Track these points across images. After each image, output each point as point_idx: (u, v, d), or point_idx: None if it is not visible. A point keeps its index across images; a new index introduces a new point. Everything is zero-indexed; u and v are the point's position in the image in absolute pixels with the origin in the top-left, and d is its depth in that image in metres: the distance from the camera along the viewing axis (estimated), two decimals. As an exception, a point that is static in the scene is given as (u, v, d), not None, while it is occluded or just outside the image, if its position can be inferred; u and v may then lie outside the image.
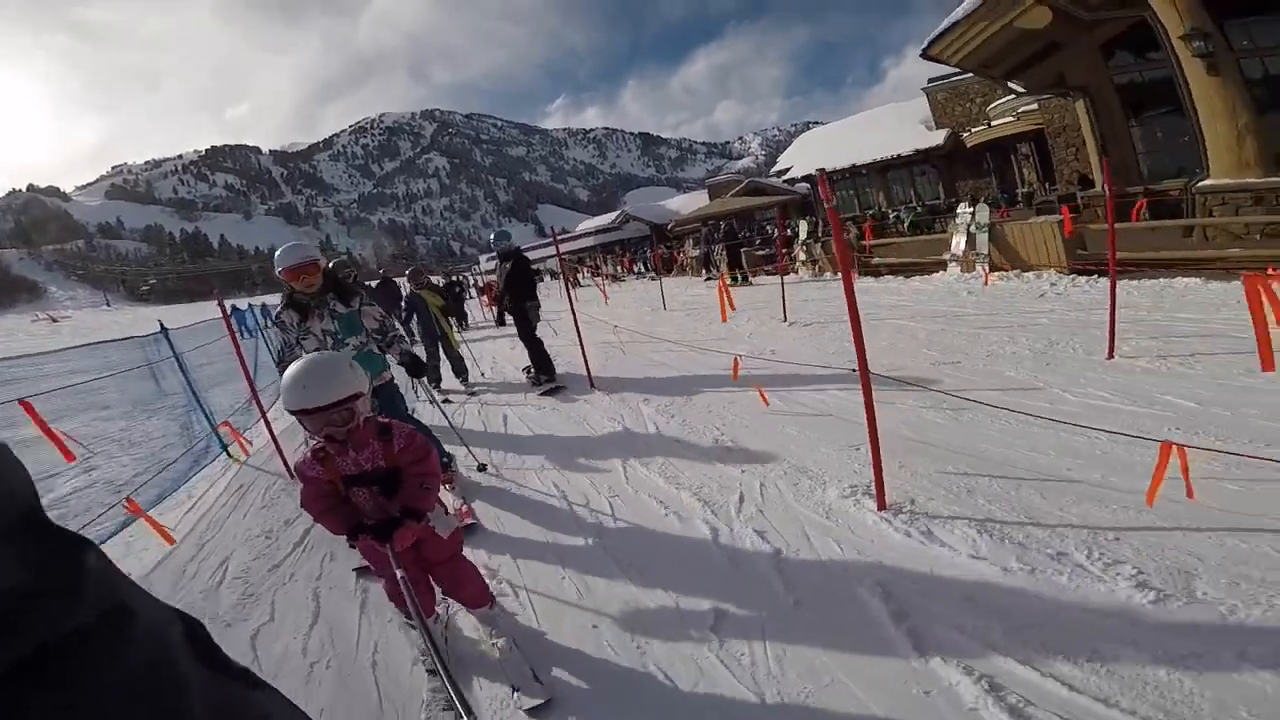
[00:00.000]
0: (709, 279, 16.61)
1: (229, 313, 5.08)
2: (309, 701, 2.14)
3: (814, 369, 4.50)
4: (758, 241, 20.55)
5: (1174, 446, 2.12)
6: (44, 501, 0.36)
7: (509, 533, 3.12)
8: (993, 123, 20.37)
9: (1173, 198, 10.21)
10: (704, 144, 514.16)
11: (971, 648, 1.80)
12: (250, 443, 5.60)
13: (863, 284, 10.13)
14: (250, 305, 11.54)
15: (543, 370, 6.17)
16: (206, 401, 5.80)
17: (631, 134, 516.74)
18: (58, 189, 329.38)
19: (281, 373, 2.84)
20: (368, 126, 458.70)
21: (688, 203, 40.63)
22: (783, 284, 8.16)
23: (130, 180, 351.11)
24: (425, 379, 4.07)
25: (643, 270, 24.10)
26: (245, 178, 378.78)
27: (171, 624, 0.38)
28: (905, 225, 17.99)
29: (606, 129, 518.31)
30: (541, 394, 5.80)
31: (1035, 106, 16.90)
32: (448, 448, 3.88)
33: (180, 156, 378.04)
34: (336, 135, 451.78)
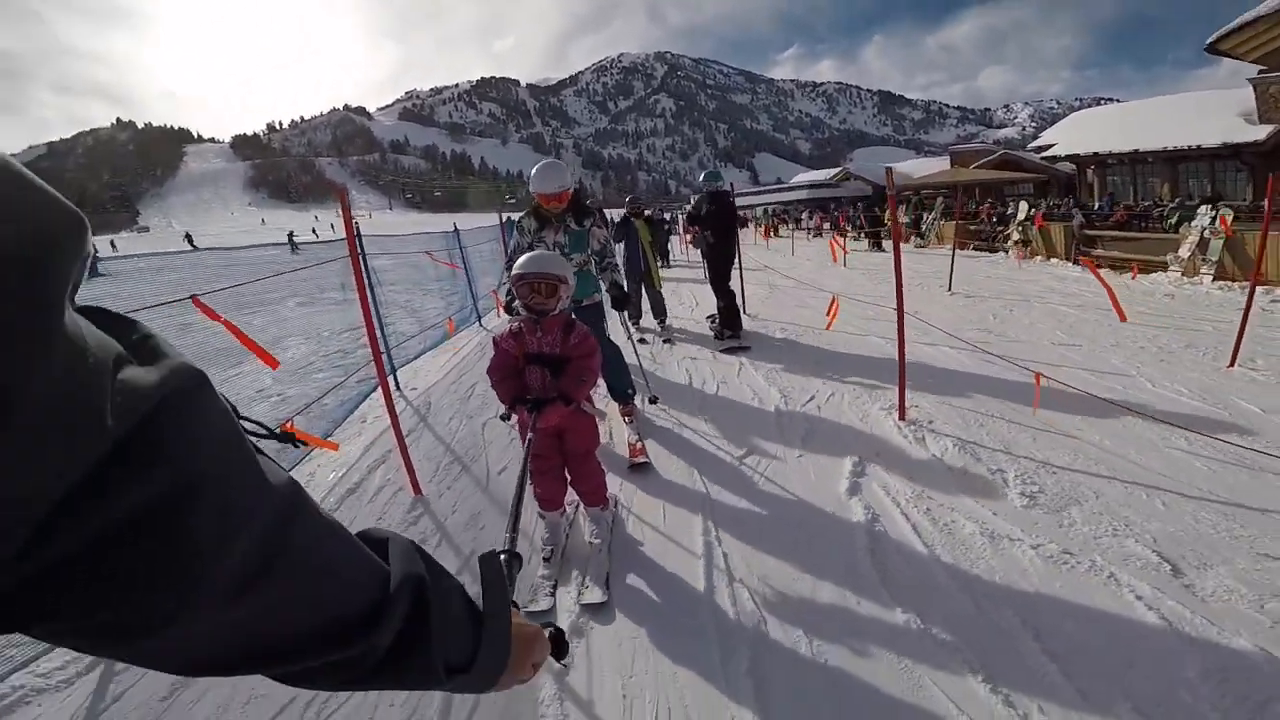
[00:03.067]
0: (918, 245, 16.25)
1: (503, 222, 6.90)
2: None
3: (931, 334, 5.12)
4: (990, 218, 19.18)
5: (1039, 379, 2.70)
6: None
7: (661, 468, 3.30)
8: None
9: None
10: (958, 108, 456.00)
11: (900, 518, 2.74)
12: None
13: (1067, 272, 9.62)
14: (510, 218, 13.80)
15: (728, 325, 5.85)
16: (475, 285, 8.02)
17: (869, 91, 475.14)
18: (364, 108, 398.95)
19: (509, 267, 3.54)
20: (608, 65, 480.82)
21: (923, 167, 37.87)
22: (953, 256, 8.38)
23: (417, 104, 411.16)
24: (626, 313, 4.19)
25: (846, 229, 23.68)
26: (506, 107, 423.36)
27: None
28: (1171, 222, 15.58)
29: (840, 84, 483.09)
30: (723, 350, 5.52)
31: None
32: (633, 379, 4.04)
33: (456, 85, 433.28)
34: (581, 72, 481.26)
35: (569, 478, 2.61)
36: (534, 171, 3.66)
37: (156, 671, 0.37)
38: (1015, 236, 11.91)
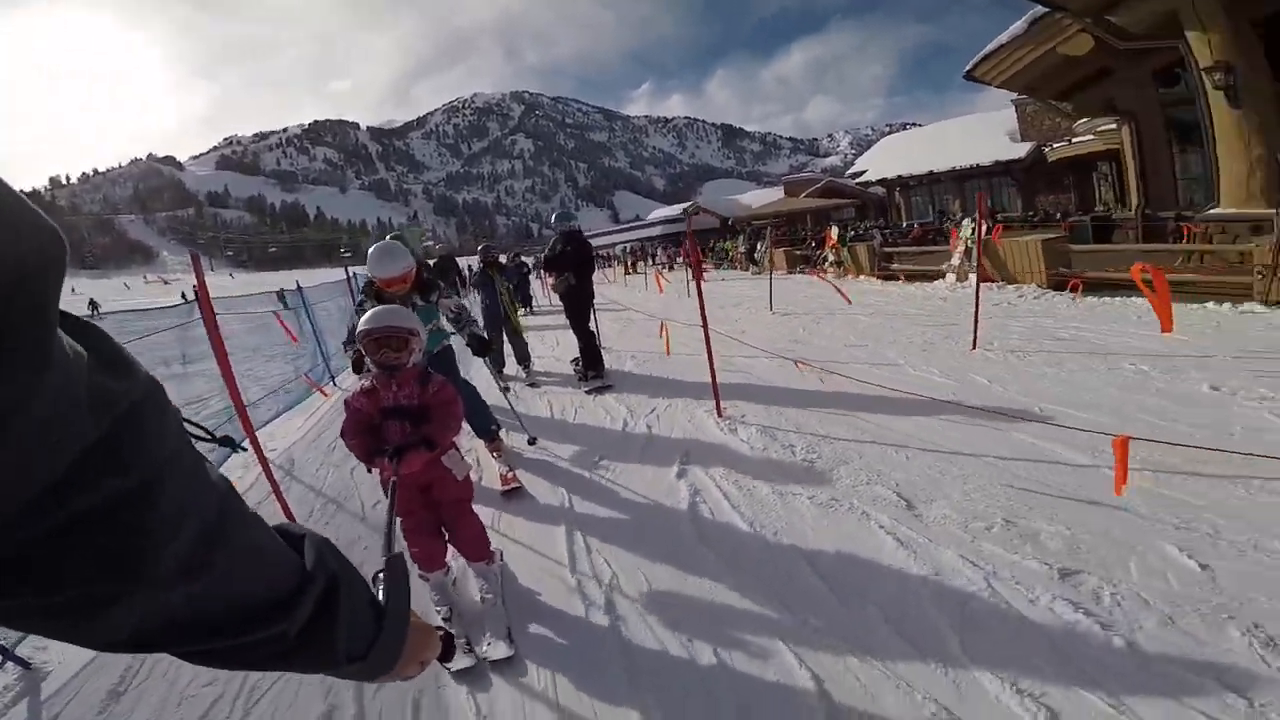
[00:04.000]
0: (755, 273, 18.07)
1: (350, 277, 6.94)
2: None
3: (751, 349, 6.07)
4: (811, 243, 21.58)
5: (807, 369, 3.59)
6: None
7: (549, 504, 3.46)
8: (1074, 140, 20.38)
9: (1170, 225, 10.70)
10: (790, 139, 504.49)
11: (714, 486, 3.41)
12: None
13: (872, 285, 11.38)
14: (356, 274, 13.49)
15: (591, 366, 5.95)
16: (324, 344, 7.89)
17: (713, 125, 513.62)
18: (173, 158, 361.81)
19: (347, 345, 3.63)
20: (460, 106, 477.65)
21: (763, 197, 41.45)
22: (770, 280, 9.76)
23: (239, 151, 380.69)
24: (488, 359, 4.31)
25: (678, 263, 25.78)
26: (343, 152, 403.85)
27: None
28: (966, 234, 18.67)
29: (688, 118, 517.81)
30: (587, 391, 5.67)
31: (1114, 126, 17.05)
32: (499, 417, 4.28)
33: (285, 130, 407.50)
34: (430, 114, 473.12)
35: (445, 534, 2.57)
36: (370, 255, 3.60)
37: (86, 649, 0.41)
38: (830, 258, 13.75)
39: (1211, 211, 9.79)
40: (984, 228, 9.44)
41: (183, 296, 5.57)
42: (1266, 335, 5.24)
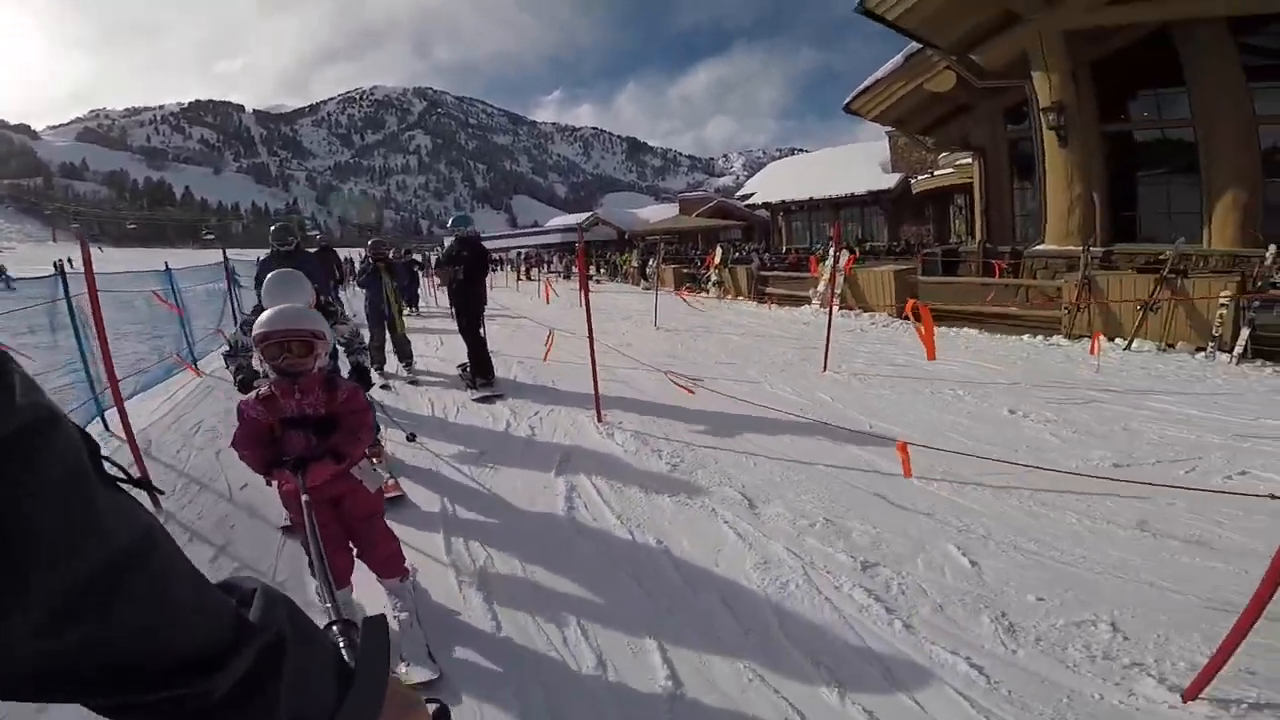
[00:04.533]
0: (645, 288, 18.57)
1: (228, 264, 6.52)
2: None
3: (633, 361, 6.38)
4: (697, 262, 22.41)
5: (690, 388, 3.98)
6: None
7: (430, 510, 3.43)
8: (936, 173, 21.21)
9: (1005, 260, 12.03)
10: (689, 156, 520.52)
11: (589, 484, 3.63)
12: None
13: (748, 307, 12.17)
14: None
15: (480, 373, 5.85)
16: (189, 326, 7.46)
17: (619, 137, 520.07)
18: (27, 126, 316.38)
19: (227, 358, 3.34)
20: (357, 97, 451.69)
21: (660, 213, 42.48)
22: (656, 298, 10.30)
23: (105, 125, 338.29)
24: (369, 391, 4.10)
25: (592, 273, 25.91)
26: (223, 134, 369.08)
27: (79, 433, 0.39)
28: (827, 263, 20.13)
29: (595, 129, 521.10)
30: (476, 399, 5.53)
31: (970, 161, 18.45)
32: (378, 417, 4.01)
33: (161, 107, 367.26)
34: (324, 102, 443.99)
35: (354, 548, 2.38)
36: (265, 294, 3.25)
37: None
38: (714, 278, 14.49)
39: (1037, 248, 11.10)
40: (840, 259, 10.42)
41: (55, 266, 5.04)
42: (1063, 366, 6.24)
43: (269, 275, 3.32)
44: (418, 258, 17.47)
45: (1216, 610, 2.23)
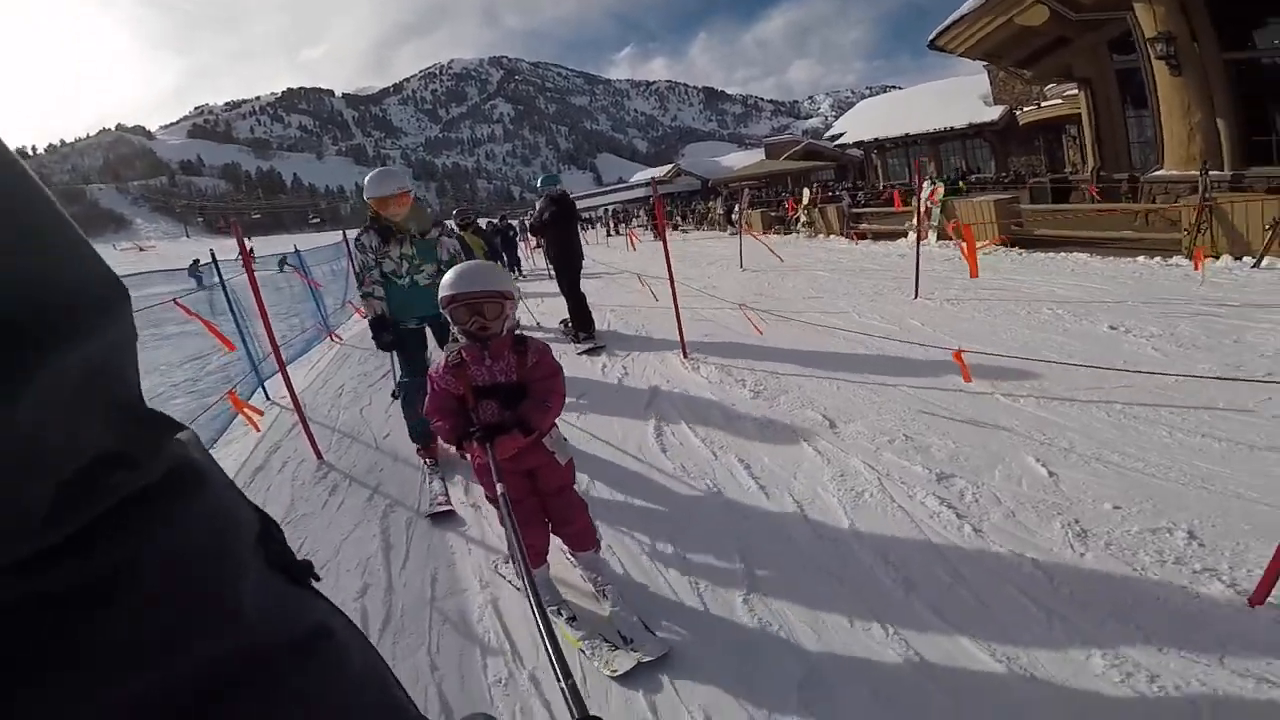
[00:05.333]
0: (732, 233, 18.47)
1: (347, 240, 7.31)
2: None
3: (721, 300, 6.57)
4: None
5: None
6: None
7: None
8: (1043, 104, 20.53)
9: (1124, 186, 11.22)
10: (771, 101, 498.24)
11: (676, 413, 3.95)
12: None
13: (841, 245, 11.91)
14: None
15: (582, 327, 5.95)
16: (321, 303, 8.30)
17: (695, 88, 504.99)
18: (143, 128, 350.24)
19: (361, 286, 3.52)
20: (437, 72, 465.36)
21: (744, 159, 41.42)
22: (740, 240, 10.30)
23: (211, 120, 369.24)
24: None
25: (678, 224, 25.84)
26: (318, 119, 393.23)
27: (245, 511, 0.39)
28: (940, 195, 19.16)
29: (670, 82, 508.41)
30: (580, 353, 5.66)
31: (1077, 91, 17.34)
32: None
33: (258, 98, 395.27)
34: (406, 80, 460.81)
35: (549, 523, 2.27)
36: (368, 180, 3.56)
37: None
38: (803, 219, 14.19)
39: (1156, 173, 10.34)
40: (925, 191, 9.97)
41: (196, 262, 5.82)
42: (1180, 285, 5.82)
43: (371, 173, 3.60)
44: (514, 222, 17.88)
45: None
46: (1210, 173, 8.67)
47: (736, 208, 18.88)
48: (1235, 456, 2.69)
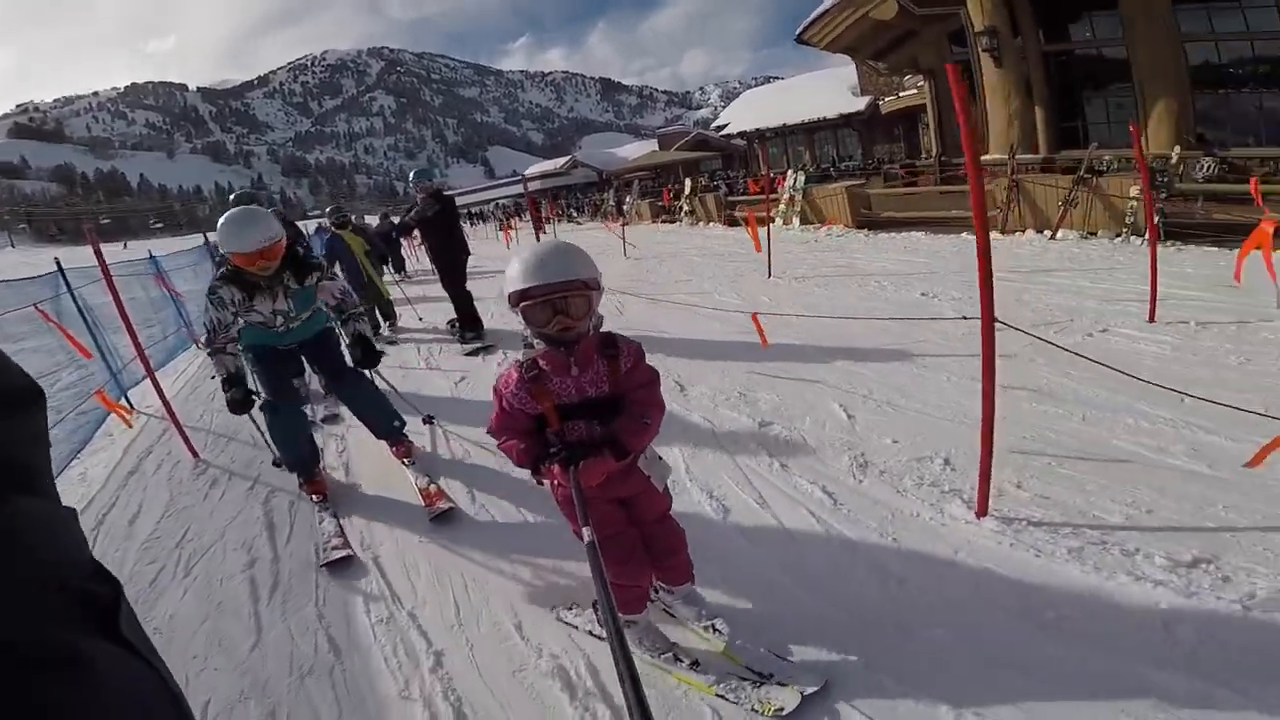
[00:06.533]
0: (623, 223, 19.15)
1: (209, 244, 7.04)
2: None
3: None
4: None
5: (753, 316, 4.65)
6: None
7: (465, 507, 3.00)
8: (901, 94, 22.26)
9: (961, 170, 12.75)
10: (665, 92, 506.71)
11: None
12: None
13: (718, 231, 12.80)
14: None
15: (469, 327, 5.88)
16: (184, 310, 7.88)
17: (592, 79, 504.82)
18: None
19: (209, 348, 2.97)
20: (308, 64, 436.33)
21: (639, 150, 42.16)
22: (623, 228, 10.91)
23: (38, 119, 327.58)
24: (370, 366, 3.45)
25: (573, 215, 26.21)
26: (169, 115, 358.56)
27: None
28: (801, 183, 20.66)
29: (566, 73, 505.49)
30: (467, 354, 5.60)
31: None
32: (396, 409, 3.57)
33: (96, 94, 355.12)
34: (273, 73, 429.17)
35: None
36: (222, 225, 2.82)
37: None
38: (686, 208, 14.98)
39: (983, 158, 11.85)
40: (790, 180, 10.95)
41: (58, 263, 5.33)
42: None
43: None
44: (394, 219, 16.98)
45: (1041, 449, 2.79)
46: (1022, 156, 10.12)
47: (627, 199, 19.49)
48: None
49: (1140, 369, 3.23)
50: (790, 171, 12.02)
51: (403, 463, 3.40)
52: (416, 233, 6.40)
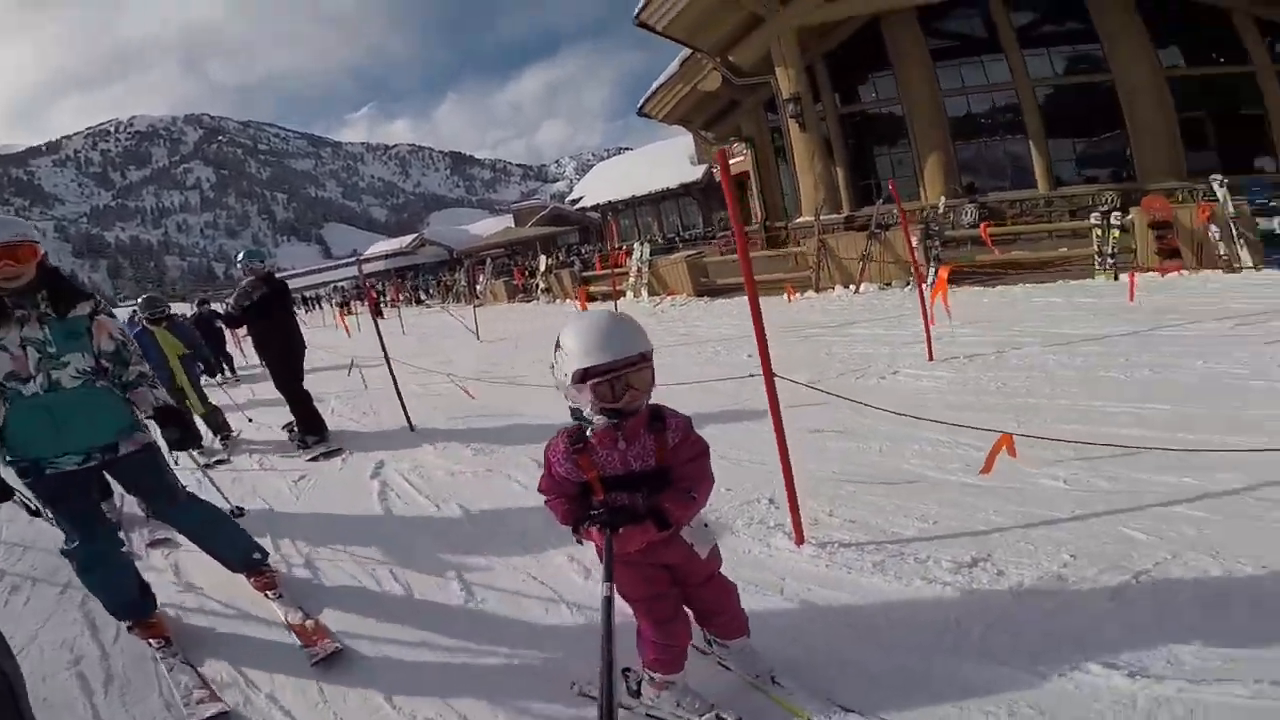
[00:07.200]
0: (478, 304, 19.18)
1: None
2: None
3: (447, 376, 6.95)
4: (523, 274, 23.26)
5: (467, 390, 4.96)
6: None
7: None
8: (732, 161, 24.95)
9: (782, 234, 14.54)
10: (520, 165, 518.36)
11: (398, 470, 4.43)
12: None
13: (577, 309, 13.34)
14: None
15: (311, 430, 5.32)
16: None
17: (441, 152, 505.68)
18: None
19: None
20: (113, 130, 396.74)
21: (493, 226, 42.56)
22: (475, 309, 11.06)
23: None
24: (189, 447, 3.09)
25: (422, 297, 25.72)
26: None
27: None
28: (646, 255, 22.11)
29: (413, 145, 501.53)
30: (309, 460, 5.08)
31: None
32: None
33: None
34: (67, 138, 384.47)
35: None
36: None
37: None
38: (542, 285, 15.53)
39: (797, 220, 13.57)
40: (625, 255, 11.84)
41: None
42: (804, 314, 7.95)
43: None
44: (219, 307, 14.59)
45: (846, 479, 3.24)
46: (827, 217, 11.75)
47: (480, 278, 19.70)
48: (804, 442, 3.79)
49: (925, 402, 4.06)
50: (636, 244, 12.99)
51: (266, 596, 2.88)
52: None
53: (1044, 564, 2.33)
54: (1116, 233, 7.72)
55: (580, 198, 33.90)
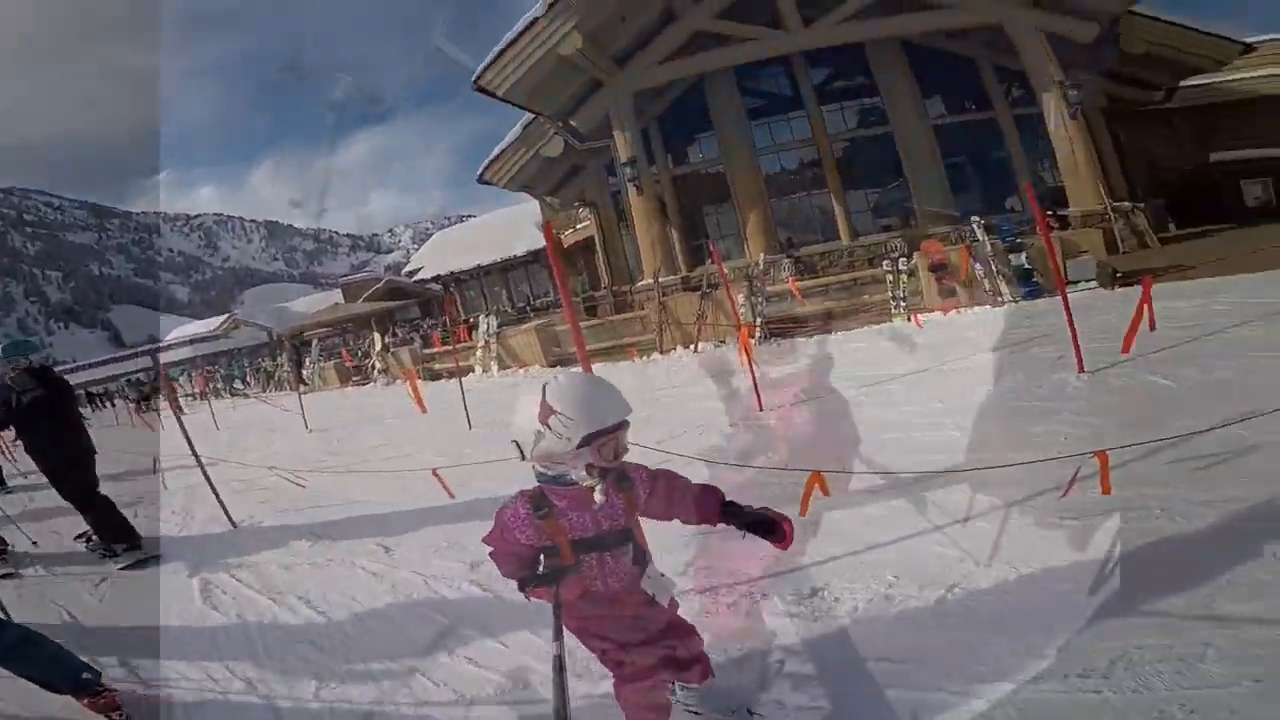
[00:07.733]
0: (304, 391, 17.83)
1: None
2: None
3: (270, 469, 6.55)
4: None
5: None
6: None
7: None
8: (578, 226, 23.89)
9: (628, 297, 15.27)
10: (348, 236, 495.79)
11: (228, 571, 4.09)
12: None
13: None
14: None
15: (118, 538, 4.76)
16: None
17: (255, 222, 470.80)
18: None
19: None
20: None
21: (319, 303, 40.12)
22: (300, 397, 10.56)
23: None
24: None
25: (238, 387, 23.27)
26: None
27: None
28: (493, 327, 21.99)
29: (220, 215, 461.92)
30: (123, 568, 4.62)
31: None
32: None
33: None
34: None
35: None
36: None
37: None
38: (378, 366, 14.95)
39: (640, 284, 14.30)
40: (466, 330, 11.91)
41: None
42: (653, 376, 8.39)
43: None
44: None
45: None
46: (664, 279, 12.46)
47: (306, 361, 18.46)
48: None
49: (754, 452, 4.48)
50: (481, 317, 12.98)
51: (107, 718, 2.62)
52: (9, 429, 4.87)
53: (873, 586, 2.61)
54: (905, 277, 9.11)
55: (419, 269, 33.18)
